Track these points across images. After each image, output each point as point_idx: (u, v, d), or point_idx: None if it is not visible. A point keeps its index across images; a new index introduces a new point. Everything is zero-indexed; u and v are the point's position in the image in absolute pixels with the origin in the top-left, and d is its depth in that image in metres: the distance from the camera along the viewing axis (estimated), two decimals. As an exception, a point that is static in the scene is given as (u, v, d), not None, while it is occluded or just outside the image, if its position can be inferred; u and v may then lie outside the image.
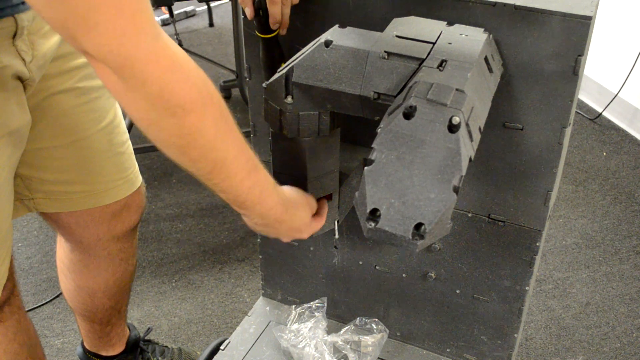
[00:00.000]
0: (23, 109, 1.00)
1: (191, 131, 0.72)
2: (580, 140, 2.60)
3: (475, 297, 1.14)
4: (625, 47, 2.59)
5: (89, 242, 1.28)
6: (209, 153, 0.76)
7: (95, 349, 1.52)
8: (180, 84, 0.69)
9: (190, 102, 0.70)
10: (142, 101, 0.69)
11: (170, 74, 0.68)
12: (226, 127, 0.76)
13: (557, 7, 0.85)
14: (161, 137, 0.73)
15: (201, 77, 0.72)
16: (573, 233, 2.12)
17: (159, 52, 0.67)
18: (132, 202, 1.27)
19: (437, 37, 0.84)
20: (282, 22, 0.95)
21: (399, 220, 0.69)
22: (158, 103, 0.69)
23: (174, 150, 0.75)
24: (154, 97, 0.68)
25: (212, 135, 0.74)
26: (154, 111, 0.70)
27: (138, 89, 0.68)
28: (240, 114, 2.76)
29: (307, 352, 1.15)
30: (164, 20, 3.57)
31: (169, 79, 0.68)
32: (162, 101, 0.69)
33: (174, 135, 0.73)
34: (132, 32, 0.64)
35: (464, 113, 0.71)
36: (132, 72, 0.66)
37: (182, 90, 0.70)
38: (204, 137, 0.74)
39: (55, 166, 1.14)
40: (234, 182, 0.80)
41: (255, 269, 1.98)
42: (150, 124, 0.72)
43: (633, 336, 1.76)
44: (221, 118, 0.75)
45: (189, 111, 0.71)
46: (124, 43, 0.64)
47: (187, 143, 0.74)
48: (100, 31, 0.63)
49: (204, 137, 0.74)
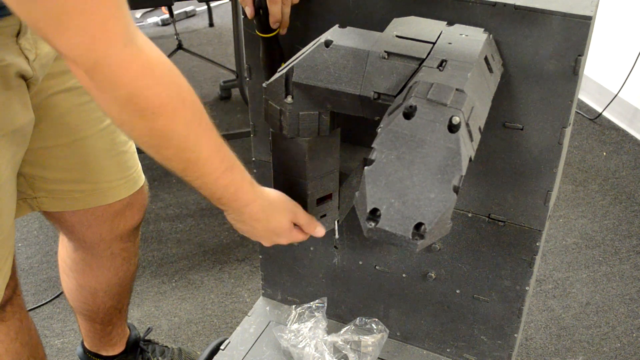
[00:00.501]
0: (26, 108, 1.01)
1: (162, 133, 0.75)
2: (580, 140, 2.60)
3: (475, 297, 1.14)
4: (625, 47, 2.59)
5: (91, 241, 1.28)
6: (181, 153, 0.78)
7: (96, 348, 1.52)
8: (150, 89, 0.71)
9: (160, 105, 0.72)
10: (113, 103, 0.71)
11: (140, 80, 0.70)
12: (199, 128, 0.78)
13: (557, 7, 0.85)
14: (133, 136, 0.76)
15: (174, 81, 0.74)
16: (573, 233, 2.12)
17: (129, 58, 0.68)
18: (135, 201, 1.27)
19: (437, 37, 0.84)
20: (282, 22, 0.95)
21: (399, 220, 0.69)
22: (128, 106, 0.71)
23: (147, 148, 0.77)
24: (123, 100, 0.71)
25: (184, 136, 0.76)
26: (124, 113, 0.72)
27: (108, 91, 0.70)
28: (240, 114, 2.77)
29: (307, 352, 1.15)
30: (164, 20, 3.57)
31: (138, 84, 0.70)
32: (131, 104, 0.71)
33: (145, 135, 0.75)
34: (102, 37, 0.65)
35: (464, 113, 0.71)
36: (102, 76, 0.68)
37: (152, 94, 0.71)
38: (175, 138, 0.76)
39: (58, 165, 1.14)
40: (208, 180, 0.83)
41: (255, 269, 1.98)
42: (122, 123, 0.75)
43: (633, 336, 1.76)
44: (194, 120, 0.77)
45: (159, 115, 0.73)
46: (94, 48, 0.66)
47: (158, 143, 0.76)
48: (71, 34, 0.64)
49: (175, 138, 0.76)
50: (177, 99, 0.74)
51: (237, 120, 2.74)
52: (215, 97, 2.90)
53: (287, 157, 0.94)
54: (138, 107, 0.71)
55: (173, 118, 0.74)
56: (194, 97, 0.77)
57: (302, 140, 0.90)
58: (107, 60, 0.67)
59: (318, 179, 0.95)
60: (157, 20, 3.60)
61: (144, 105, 0.71)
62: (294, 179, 0.95)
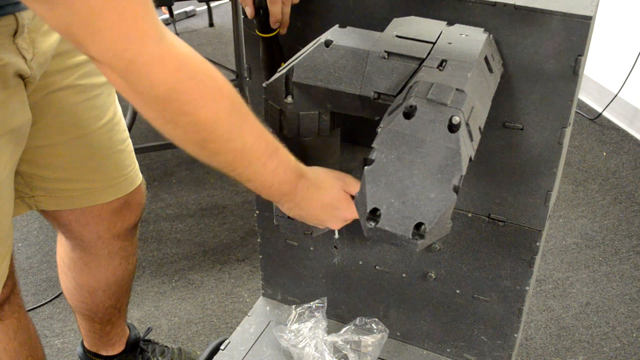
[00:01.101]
0: (24, 107, 1.01)
1: (206, 126, 0.74)
2: (580, 140, 2.60)
3: (475, 297, 1.14)
4: (625, 47, 2.59)
5: (89, 240, 1.28)
6: (227, 143, 0.77)
7: (95, 348, 1.52)
8: (188, 82, 0.71)
9: (200, 97, 0.72)
10: (153, 103, 0.71)
11: (177, 74, 0.69)
12: (240, 116, 0.78)
13: (557, 7, 0.85)
14: (177, 134, 0.75)
15: (209, 73, 0.74)
16: (573, 233, 2.12)
17: (163, 54, 0.68)
18: (133, 199, 1.27)
19: (437, 37, 0.84)
20: (282, 22, 0.95)
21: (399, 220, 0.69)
22: (169, 103, 0.71)
23: (193, 146, 0.77)
24: (162, 98, 0.70)
25: (227, 125, 0.76)
26: (165, 111, 0.72)
27: (146, 91, 0.69)
28: (240, 114, 2.77)
29: (307, 352, 1.15)
30: (164, 20, 3.56)
31: (176, 79, 0.69)
32: (171, 101, 0.70)
33: (190, 131, 0.75)
34: (135, 35, 0.65)
35: (464, 113, 0.71)
36: (138, 76, 0.68)
37: (190, 88, 0.71)
38: (219, 129, 0.75)
39: (55, 163, 1.14)
40: (257, 167, 0.81)
41: (255, 269, 1.98)
42: (165, 122, 0.74)
43: (633, 336, 1.76)
44: (234, 108, 0.77)
45: (201, 107, 0.72)
46: (128, 47, 0.65)
47: (203, 138, 0.75)
48: (104, 36, 0.64)
49: (219, 129, 0.75)
50: (215, 89, 0.74)
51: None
52: (215, 97, 2.90)
53: (287, 157, 0.94)
54: (179, 103, 0.71)
55: (215, 108, 0.74)
56: (230, 87, 0.76)
57: (302, 140, 0.90)
58: (142, 58, 0.66)
59: (318, 179, 0.95)
60: (159, 21, 3.60)
61: (184, 99, 0.71)
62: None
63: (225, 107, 0.75)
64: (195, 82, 0.71)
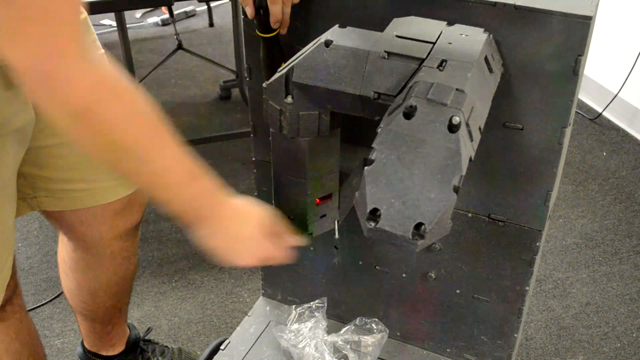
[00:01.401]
0: (27, 107, 1.01)
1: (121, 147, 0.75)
2: (580, 140, 2.60)
3: (475, 297, 1.14)
4: (625, 47, 2.59)
5: (91, 240, 1.28)
6: (144, 166, 0.78)
7: (96, 348, 1.52)
8: (106, 103, 0.71)
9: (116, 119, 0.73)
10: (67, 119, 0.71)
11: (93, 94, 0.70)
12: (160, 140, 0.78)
13: (557, 7, 0.85)
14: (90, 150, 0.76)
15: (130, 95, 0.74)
16: (573, 233, 2.12)
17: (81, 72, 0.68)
18: (134, 200, 1.27)
19: (437, 37, 0.84)
20: (282, 21, 0.95)
21: (399, 220, 0.69)
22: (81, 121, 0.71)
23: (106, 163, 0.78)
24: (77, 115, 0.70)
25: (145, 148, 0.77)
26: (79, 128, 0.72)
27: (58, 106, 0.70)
28: (240, 114, 2.76)
29: (307, 352, 1.15)
30: (164, 20, 3.57)
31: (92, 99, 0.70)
32: (85, 119, 0.71)
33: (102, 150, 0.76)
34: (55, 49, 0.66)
35: (464, 113, 0.71)
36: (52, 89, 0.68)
37: (108, 109, 0.72)
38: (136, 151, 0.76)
39: (58, 164, 1.14)
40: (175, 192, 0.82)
41: (255, 269, 1.98)
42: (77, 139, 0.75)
43: (633, 336, 1.76)
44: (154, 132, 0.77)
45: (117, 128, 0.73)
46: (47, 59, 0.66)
47: (118, 158, 0.76)
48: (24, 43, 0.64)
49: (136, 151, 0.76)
50: (134, 112, 0.74)
51: (237, 120, 2.73)
52: (215, 97, 2.90)
53: (287, 157, 0.94)
54: (93, 122, 0.71)
55: (132, 130, 0.74)
56: (153, 110, 0.76)
57: (302, 140, 0.90)
58: (60, 73, 0.66)
59: (318, 179, 0.95)
60: (157, 20, 3.60)
61: (100, 119, 0.71)
62: (294, 179, 0.95)
63: (145, 130, 0.76)
64: (114, 104, 0.72)
